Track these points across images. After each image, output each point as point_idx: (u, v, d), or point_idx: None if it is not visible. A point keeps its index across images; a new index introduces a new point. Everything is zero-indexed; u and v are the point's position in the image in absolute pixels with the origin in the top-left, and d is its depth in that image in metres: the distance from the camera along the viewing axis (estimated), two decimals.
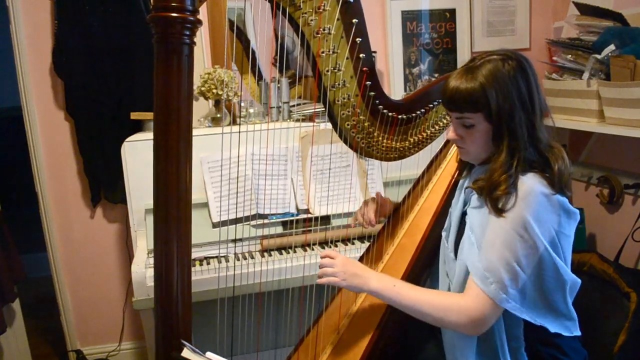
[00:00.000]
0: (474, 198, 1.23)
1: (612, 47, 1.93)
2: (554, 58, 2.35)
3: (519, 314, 1.12)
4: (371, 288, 1.24)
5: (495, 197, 1.13)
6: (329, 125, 1.39)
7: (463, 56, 2.61)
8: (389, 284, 1.24)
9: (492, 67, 1.13)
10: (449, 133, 1.24)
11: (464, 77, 1.15)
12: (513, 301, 1.11)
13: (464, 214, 1.26)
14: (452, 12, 2.58)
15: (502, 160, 1.14)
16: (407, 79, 2.59)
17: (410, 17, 2.54)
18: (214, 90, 2.00)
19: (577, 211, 1.16)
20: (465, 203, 1.27)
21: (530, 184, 1.11)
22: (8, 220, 2.23)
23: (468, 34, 2.60)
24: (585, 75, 2.03)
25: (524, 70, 1.15)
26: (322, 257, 1.31)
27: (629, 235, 2.03)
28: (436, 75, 2.61)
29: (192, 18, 0.98)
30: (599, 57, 1.97)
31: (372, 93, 1.33)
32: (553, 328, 1.16)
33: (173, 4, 0.96)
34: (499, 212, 1.12)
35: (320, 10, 1.22)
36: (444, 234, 1.34)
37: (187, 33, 0.99)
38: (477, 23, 2.59)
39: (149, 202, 1.91)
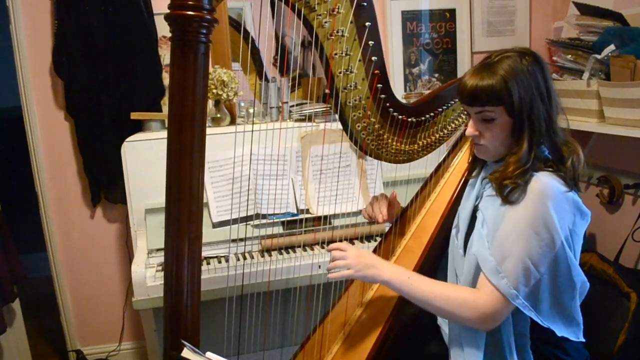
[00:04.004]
0: (488, 192, 1.23)
1: (612, 47, 1.93)
2: (554, 58, 2.35)
3: (527, 312, 1.13)
4: (384, 278, 1.24)
5: (507, 189, 1.13)
6: (329, 125, 1.39)
7: (463, 56, 2.61)
8: (403, 275, 1.23)
9: (511, 62, 1.14)
10: (468, 129, 1.23)
11: (483, 73, 1.15)
12: (523, 298, 1.11)
13: (474, 210, 1.27)
14: (452, 12, 2.58)
15: (522, 153, 1.14)
16: (407, 79, 2.59)
17: (410, 17, 2.54)
18: (214, 90, 2.00)
19: (589, 212, 1.17)
20: (477, 198, 1.27)
21: (547, 181, 1.12)
22: (8, 220, 2.23)
23: (468, 34, 2.60)
24: (585, 75, 2.03)
25: (540, 65, 1.17)
26: (330, 250, 1.30)
27: (629, 235, 2.03)
28: (436, 75, 2.61)
29: (209, 17, 0.98)
30: (599, 57, 1.97)
31: (383, 96, 1.34)
32: (560, 332, 1.16)
33: (190, 3, 0.96)
34: (510, 203, 1.13)
35: (335, 12, 1.23)
36: (453, 230, 1.34)
37: (204, 32, 0.99)
38: (477, 23, 2.59)
39: (149, 202, 1.91)
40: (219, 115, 2.11)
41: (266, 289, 1.77)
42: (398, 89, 2.56)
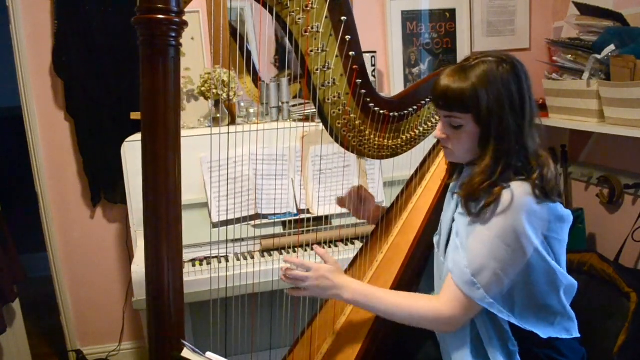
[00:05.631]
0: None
1: (612, 47, 1.93)
2: (554, 58, 2.35)
3: (505, 317, 1.14)
4: (344, 298, 1.24)
5: (478, 207, 1.12)
6: None
7: (463, 56, 2.60)
8: (364, 292, 1.23)
9: (486, 68, 1.11)
10: (436, 131, 1.22)
11: (456, 76, 1.13)
12: (499, 305, 1.12)
13: (454, 219, 1.25)
14: (452, 12, 2.58)
15: (485, 165, 1.13)
16: (407, 79, 2.59)
17: (410, 17, 2.54)
18: (214, 90, 2.00)
19: (569, 213, 1.16)
20: (457, 206, 1.25)
21: (516, 192, 1.10)
22: (8, 220, 2.23)
23: (468, 34, 2.60)
24: (585, 75, 2.03)
25: (517, 74, 1.13)
26: (288, 263, 1.28)
27: (629, 235, 2.03)
28: None
29: (177, 19, 0.96)
30: (599, 57, 1.97)
31: (363, 91, 1.31)
32: (545, 334, 1.16)
33: (158, 6, 0.94)
34: (477, 217, 1.13)
35: (308, 8, 1.20)
36: (435, 238, 1.33)
37: (173, 35, 0.97)
38: (477, 23, 2.59)
39: None
40: (219, 115, 2.10)
41: (265, 289, 1.77)
42: (398, 89, 2.56)
